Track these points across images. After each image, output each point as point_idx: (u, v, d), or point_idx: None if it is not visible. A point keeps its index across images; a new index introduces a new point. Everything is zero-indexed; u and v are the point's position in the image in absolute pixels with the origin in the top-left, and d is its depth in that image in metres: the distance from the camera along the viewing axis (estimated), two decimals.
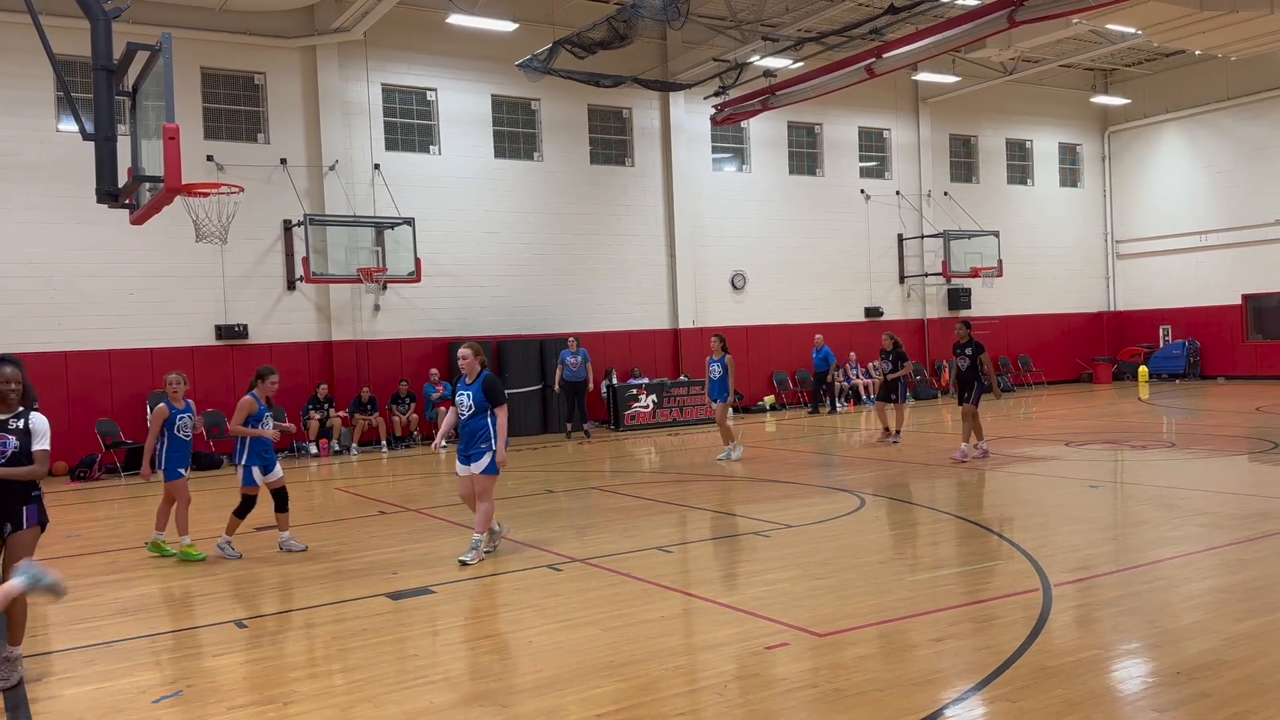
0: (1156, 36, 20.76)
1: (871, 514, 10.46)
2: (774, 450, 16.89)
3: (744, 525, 10.11)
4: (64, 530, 11.71)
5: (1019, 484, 12.18)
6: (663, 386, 21.89)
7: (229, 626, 7.02)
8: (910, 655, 5.83)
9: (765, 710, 5.07)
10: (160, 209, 8.67)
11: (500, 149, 21.94)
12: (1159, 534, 8.92)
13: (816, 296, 25.78)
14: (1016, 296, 28.96)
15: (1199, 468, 12.98)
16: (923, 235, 27.31)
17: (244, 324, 19.13)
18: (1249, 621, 6.18)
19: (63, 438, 17.43)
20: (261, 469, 9.61)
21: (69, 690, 5.80)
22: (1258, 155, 27.86)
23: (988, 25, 17.73)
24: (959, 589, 7.23)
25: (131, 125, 9.01)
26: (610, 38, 17.79)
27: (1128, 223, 31.00)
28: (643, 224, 23.47)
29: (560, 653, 6.14)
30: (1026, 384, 28.87)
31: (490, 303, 21.54)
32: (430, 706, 5.29)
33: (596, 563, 8.57)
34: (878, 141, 27.32)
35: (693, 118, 23.91)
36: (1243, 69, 26.94)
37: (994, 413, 21.94)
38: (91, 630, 7.08)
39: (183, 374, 9.95)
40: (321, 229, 18.90)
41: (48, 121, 17.64)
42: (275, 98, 19.65)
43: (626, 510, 11.23)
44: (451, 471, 9.84)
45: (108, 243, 17.75)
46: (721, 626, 6.56)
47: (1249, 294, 28.16)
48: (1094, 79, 30.58)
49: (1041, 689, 5.16)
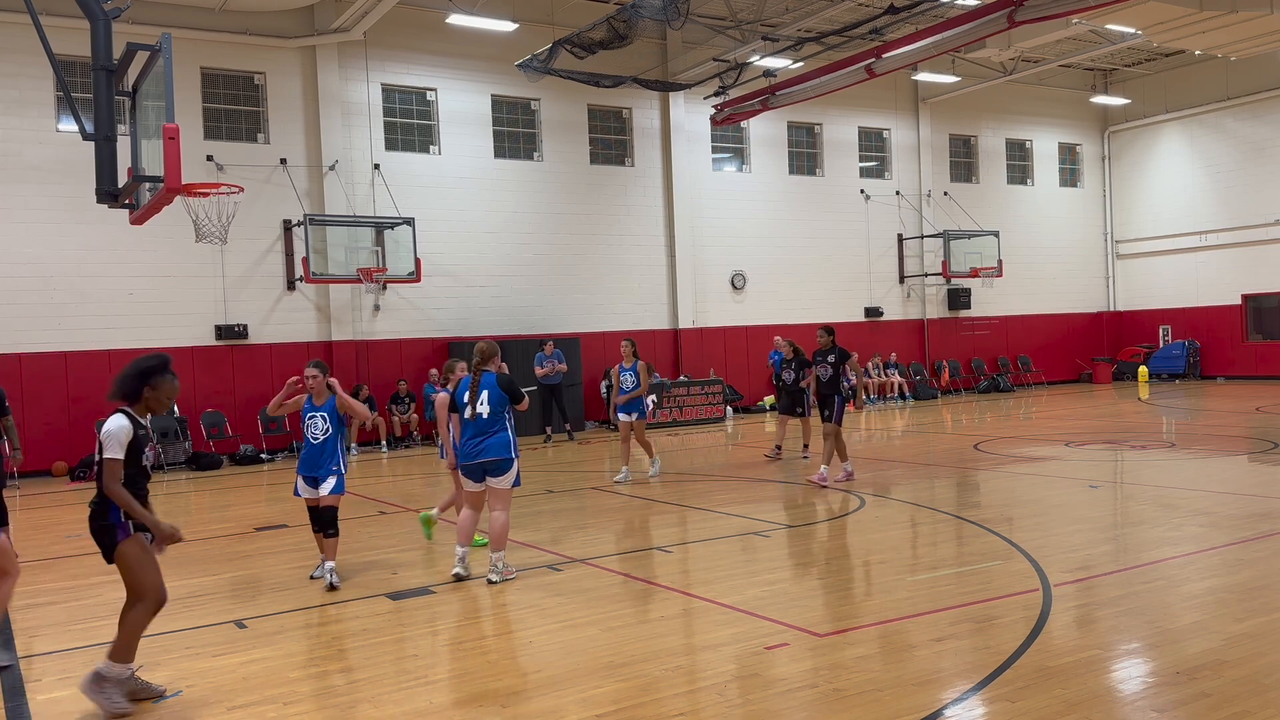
0: (1156, 36, 20.76)
1: (871, 514, 10.45)
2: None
3: (744, 525, 10.11)
4: (64, 530, 11.72)
5: (1019, 484, 12.18)
6: (663, 386, 21.88)
7: (229, 626, 7.01)
8: (910, 655, 5.83)
9: (765, 710, 5.07)
10: (160, 209, 8.67)
11: (500, 149, 21.94)
12: (1159, 534, 8.92)
13: (816, 296, 25.78)
14: (1016, 296, 28.96)
15: (1199, 468, 12.97)
16: (923, 235, 27.31)
17: (244, 324, 19.13)
18: (1249, 621, 6.18)
19: (63, 438, 17.51)
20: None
21: (69, 690, 5.79)
22: (1258, 155, 27.86)
23: (988, 25, 17.74)
24: (959, 589, 7.23)
25: (131, 125, 9.01)
26: (610, 38, 17.79)
27: (1128, 223, 31.00)
28: (642, 224, 23.47)
29: (560, 653, 6.14)
30: (1026, 384, 28.86)
31: (490, 303, 21.54)
32: (430, 706, 5.29)
33: (596, 563, 8.57)
34: (877, 141, 27.32)
35: (693, 118, 23.91)
36: (1243, 69, 26.94)
37: (994, 413, 21.94)
38: (91, 630, 7.08)
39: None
40: (321, 229, 18.89)
41: (48, 121, 17.63)
42: (275, 98, 19.65)
43: (626, 510, 11.22)
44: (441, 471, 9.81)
45: (108, 243, 17.75)
46: (721, 626, 6.55)
47: (1249, 294, 28.17)
48: (1094, 79, 30.58)
49: (1041, 689, 5.16)
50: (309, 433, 8.01)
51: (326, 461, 7.97)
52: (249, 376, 19.15)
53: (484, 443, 7.85)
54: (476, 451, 7.86)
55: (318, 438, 7.98)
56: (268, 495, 14.41)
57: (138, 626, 5.44)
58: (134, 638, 5.44)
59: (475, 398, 7.90)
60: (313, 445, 8.01)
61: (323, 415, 7.99)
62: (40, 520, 12.81)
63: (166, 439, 17.62)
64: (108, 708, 5.27)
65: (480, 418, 7.86)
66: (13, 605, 7.90)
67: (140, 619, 5.44)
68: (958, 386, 27.78)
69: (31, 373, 17.39)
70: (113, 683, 5.32)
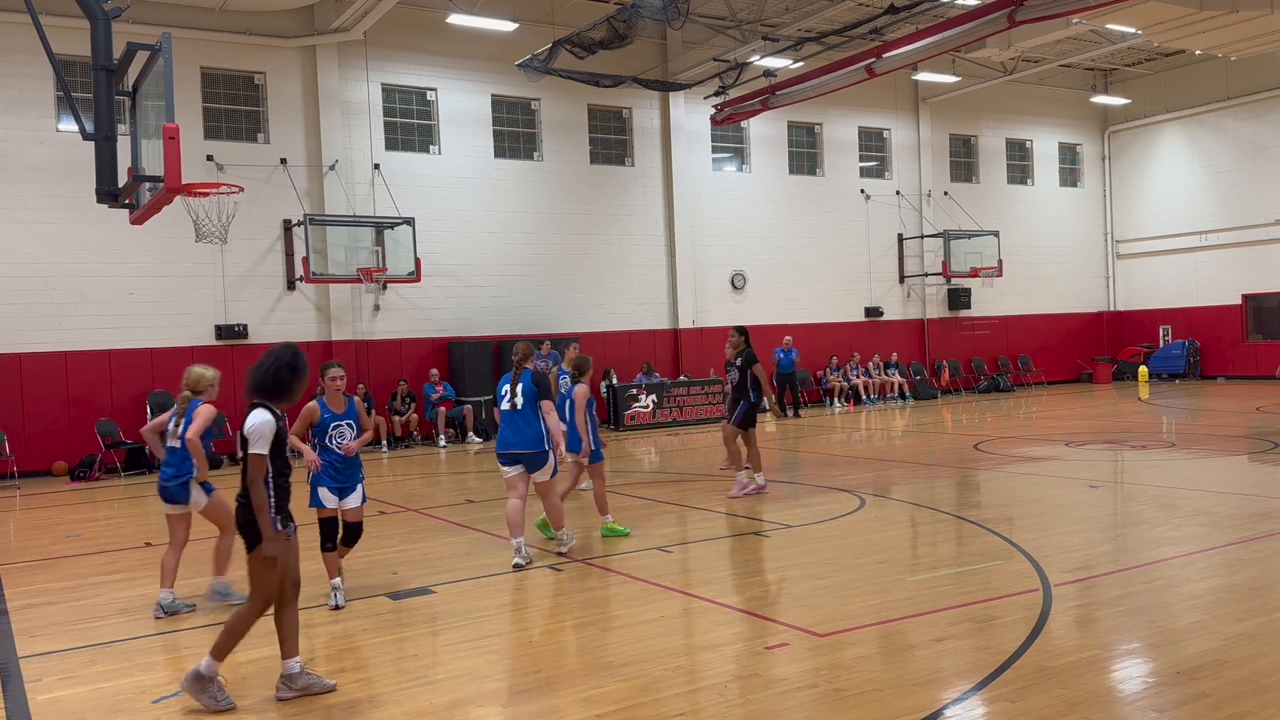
0: (1156, 36, 20.76)
1: (871, 514, 10.45)
2: (774, 450, 16.89)
3: (744, 525, 10.11)
4: (64, 530, 11.72)
5: (1019, 484, 12.18)
6: (663, 386, 21.89)
7: None
8: (910, 655, 5.83)
9: (765, 710, 5.07)
10: (160, 209, 8.68)
11: (500, 149, 21.93)
12: (1159, 534, 8.92)
13: (816, 296, 25.78)
14: (1016, 296, 28.96)
15: (1199, 468, 12.98)
16: (923, 235, 27.31)
17: (244, 324, 19.13)
18: (1249, 621, 6.18)
19: (63, 438, 17.51)
20: None
21: (69, 690, 5.79)
22: (1258, 155, 27.86)
23: (988, 25, 17.73)
24: (959, 589, 7.23)
25: (131, 125, 9.01)
26: (610, 38, 17.80)
27: (1128, 223, 31.00)
28: (643, 224, 23.47)
29: (560, 653, 6.14)
30: (1026, 384, 28.86)
31: (490, 303, 21.54)
32: (430, 706, 5.29)
33: (596, 563, 8.57)
34: (878, 141, 27.32)
35: (693, 117, 23.91)
36: (1243, 69, 26.94)
37: (994, 413, 21.95)
38: (91, 630, 7.08)
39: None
40: (321, 229, 18.89)
41: (48, 121, 17.63)
42: (275, 98, 19.65)
43: (626, 510, 11.22)
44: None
45: (108, 243, 17.75)
46: (721, 626, 6.55)
47: (1249, 294, 28.17)
48: (1094, 79, 30.58)
49: (1041, 689, 5.16)
50: (335, 441, 7.57)
51: (355, 470, 7.69)
52: None
53: (516, 434, 8.53)
54: (514, 442, 8.55)
55: (352, 448, 7.60)
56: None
57: (242, 627, 5.44)
58: (236, 638, 5.43)
59: (514, 392, 8.59)
60: (340, 454, 7.58)
61: (349, 423, 7.64)
62: (40, 520, 12.80)
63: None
64: (212, 706, 5.29)
65: (517, 409, 8.56)
66: (13, 605, 7.92)
67: (247, 619, 5.45)
68: (958, 386, 27.78)
69: (31, 373, 17.39)
70: (212, 681, 5.33)
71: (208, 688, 5.31)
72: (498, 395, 8.76)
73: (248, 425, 5.34)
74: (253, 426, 5.33)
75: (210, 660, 5.34)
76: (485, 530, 10.31)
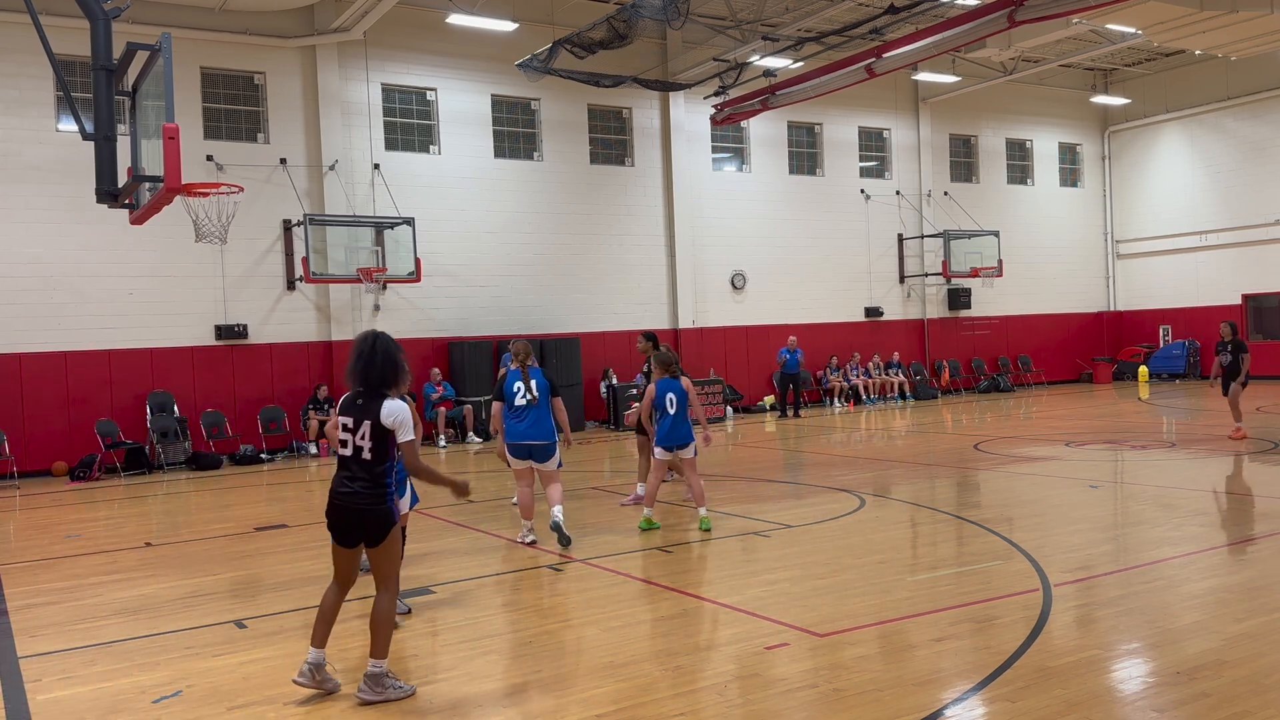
0: (1156, 36, 20.76)
1: (871, 514, 10.45)
2: (775, 450, 16.89)
3: (744, 525, 10.10)
4: (64, 530, 11.72)
5: (1019, 484, 12.18)
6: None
7: (229, 626, 7.01)
8: (910, 655, 5.83)
9: (765, 710, 5.06)
10: (160, 209, 8.68)
11: (500, 149, 21.93)
12: (1159, 534, 8.92)
13: (816, 296, 25.78)
14: (1016, 296, 28.95)
15: (1199, 468, 12.97)
16: (923, 235, 27.31)
17: (244, 324, 19.13)
18: (1249, 621, 6.17)
19: (62, 438, 17.51)
20: None
21: (69, 690, 5.79)
22: (1258, 155, 27.86)
23: (988, 25, 17.74)
24: (959, 589, 7.23)
25: (131, 125, 9.01)
26: (610, 38, 17.80)
27: (1128, 223, 31.00)
28: (642, 224, 23.47)
29: (560, 653, 6.14)
30: (1026, 384, 28.86)
31: (490, 303, 21.53)
32: (430, 706, 5.29)
33: (596, 563, 8.57)
34: (878, 141, 27.32)
35: (692, 118, 23.91)
36: (1243, 69, 26.93)
37: (994, 413, 21.95)
38: (91, 630, 7.08)
39: None
40: (321, 229, 18.89)
41: (48, 121, 17.63)
42: (275, 98, 19.65)
43: (627, 510, 11.22)
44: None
45: (108, 243, 17.75)
46: (721, 626, 6.55)
47: (1249, 294, 28.16)
48: (1094, 79, 30.58)
49: (1041, 689, 5.16)
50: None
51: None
52: (249, 377, 19.15)
53: (532, 427, 9.05)
54: (526, 434, 9.06)
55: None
56: (267, 495, 14.42)
57: (389, 617, 5.47)
58: (391, 630, 5.50)
59: (528, 387, 9.10)
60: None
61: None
62: (40, 520, 12.80)
63: (166, 439, 17.62)
64: (394, 696, 5.36)
65: (530, 405, 9.08)
66: (12, 605, 7.91)
67: (390, 609, 5.49)
68: (958, 386, 27.78)
69: (31, 373, 17.39)
70: (386, 675, 5.39)
71: (384, 682, 5.37)
72: (508, 393, 9.14)
73: (395, 417, 5.39)
74: (399, 417, 5.39)
75: (375, 661, 5.38)
76: (485, 530, 10.31)
